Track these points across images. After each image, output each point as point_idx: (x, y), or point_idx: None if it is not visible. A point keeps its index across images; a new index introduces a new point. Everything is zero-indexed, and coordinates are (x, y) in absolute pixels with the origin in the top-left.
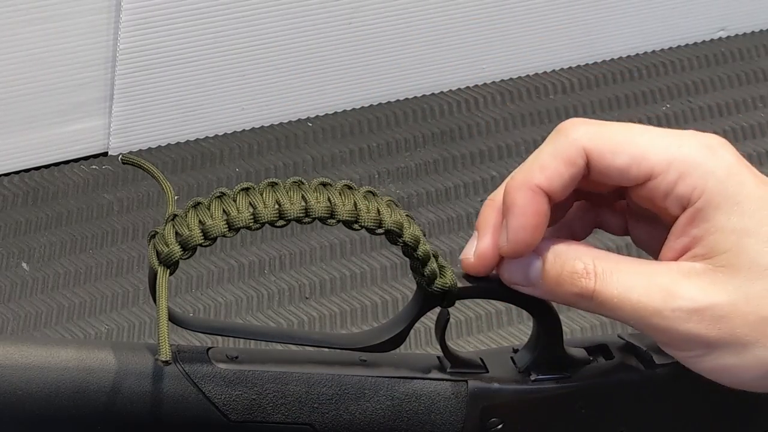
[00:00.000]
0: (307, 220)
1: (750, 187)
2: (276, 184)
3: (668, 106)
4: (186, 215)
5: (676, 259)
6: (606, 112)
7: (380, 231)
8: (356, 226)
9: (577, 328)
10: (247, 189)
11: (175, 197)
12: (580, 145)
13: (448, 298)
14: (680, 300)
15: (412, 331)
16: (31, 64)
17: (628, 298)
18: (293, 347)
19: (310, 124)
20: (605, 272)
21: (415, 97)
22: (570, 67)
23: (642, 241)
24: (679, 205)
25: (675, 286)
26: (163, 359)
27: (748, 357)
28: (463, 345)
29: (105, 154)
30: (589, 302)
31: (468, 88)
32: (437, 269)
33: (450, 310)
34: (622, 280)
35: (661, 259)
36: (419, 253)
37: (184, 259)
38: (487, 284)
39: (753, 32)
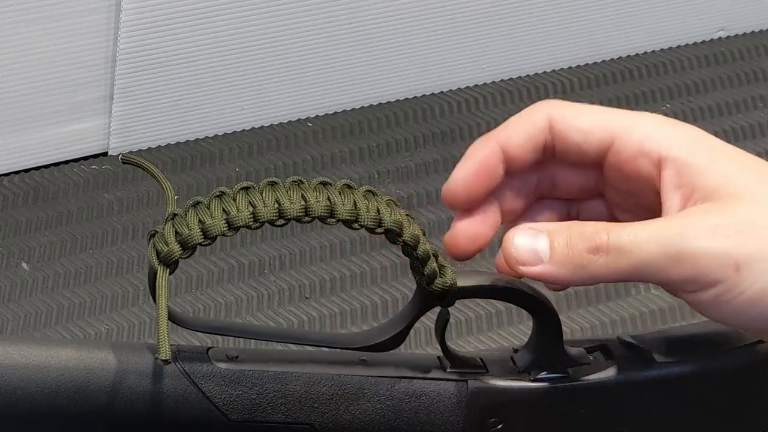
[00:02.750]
0: (306, 219)
1: (707, 137)
2: (276, 183)
3: (668, 106)
4: (186, 214)
5: None
6: None
7: (380, 230)
8: (356, 225)
9: (577, 328)
10: (246, 188)
11: (175, 197)
12: (544, 109)
13: (448, 297)
14: (699, 222)
15: (412, 331)
16: (31, 64)
17: (646, 236)
18: (293, 347)
19: (310, 124)
20: (614, 227)
21: (415, 97)
22: (570, 67)
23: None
24: (651, 162)
25: (689, 218)
26: (163, 358)
27: None
28: (463, 345)
29: (105, 154)
30: (606, 256)
31: (468, 88)
32: (437, 269)
33: (450, 310)
34: (635, 229)
35: None
36: (419, 252)
37: (184, 258)
38: (487, 284)
39: (753, 32)
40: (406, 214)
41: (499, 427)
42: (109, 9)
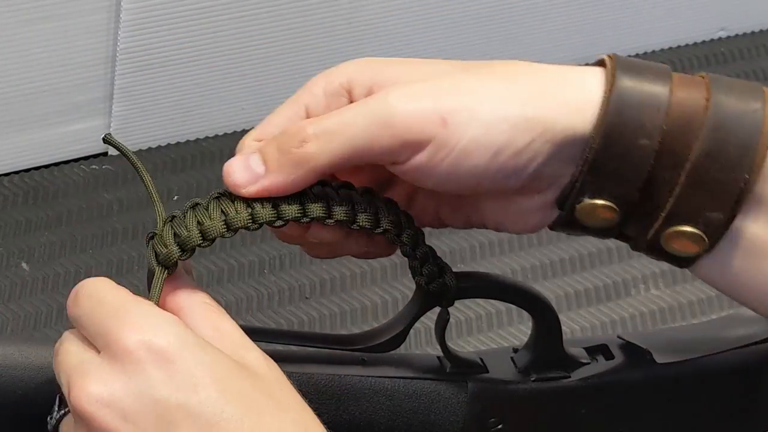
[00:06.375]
0: (305, 220)
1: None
2: None
3: None
4: (184, 216)
5: None
6: None
7: (378, 230)
8: (354, 226)
9: (577, 328)
10: None
11: (151, 179)
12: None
13: (447, 297)
14: (400, 90)
15: (412, 331)
16: (31, 64)
17: (352, 114)
18: (293, 347)
19: None
20: (320, 118)
21: None
22: None
23: None
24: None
25: (392, 90)
26: None
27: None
28: (463, 345)
29: (105, 154)
30: (316, 143)
31: None
32: (436, 269)
33: (450, 310)
34: (340, 112)
35: None
36: (418, 252)
37: (183, 259)
38: (487, 284)
39: (753, 32)
40: (405, 214)
41: (499, 427)
42: (109, 9)
